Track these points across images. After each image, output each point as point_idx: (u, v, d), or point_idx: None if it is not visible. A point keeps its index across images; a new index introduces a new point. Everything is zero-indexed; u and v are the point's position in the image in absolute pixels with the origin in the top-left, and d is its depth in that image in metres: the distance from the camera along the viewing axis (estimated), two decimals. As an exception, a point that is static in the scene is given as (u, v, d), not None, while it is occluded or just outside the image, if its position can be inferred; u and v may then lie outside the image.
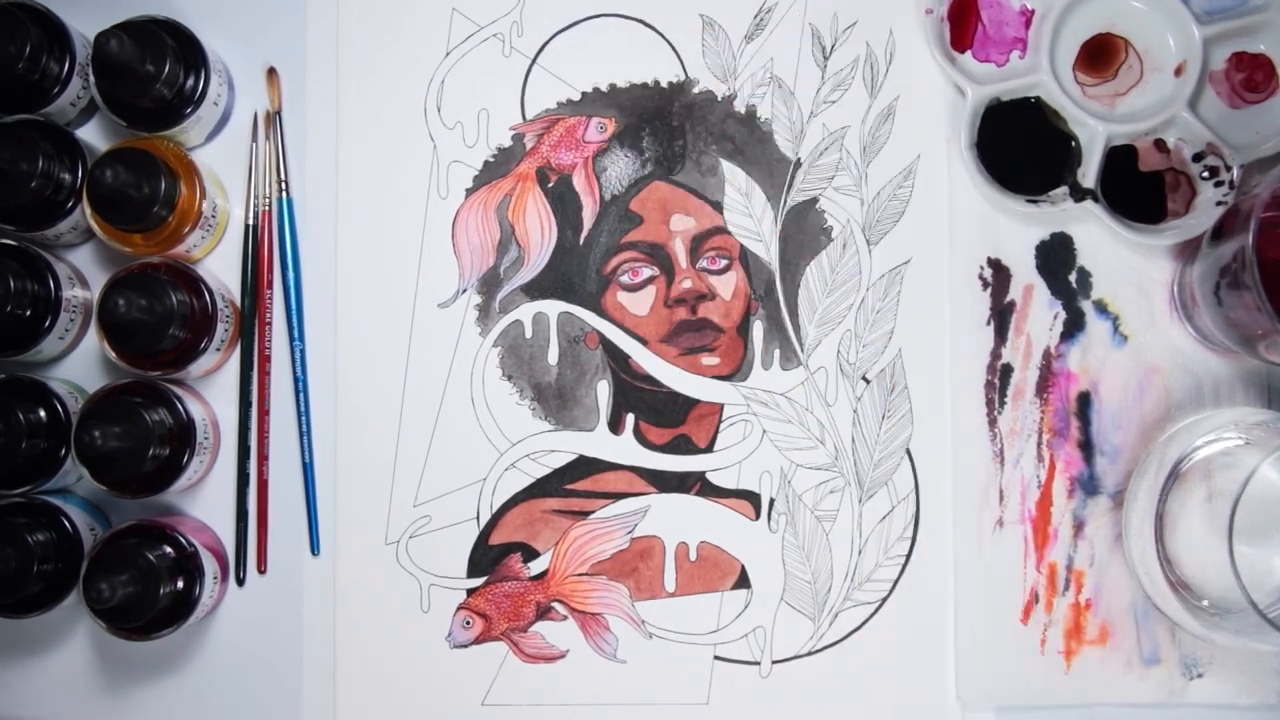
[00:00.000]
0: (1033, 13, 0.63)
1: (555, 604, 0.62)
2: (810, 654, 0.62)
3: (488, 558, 0.62)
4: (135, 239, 0.59)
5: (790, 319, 0.63)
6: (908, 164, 0.64)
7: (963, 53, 0.63)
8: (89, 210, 0.58)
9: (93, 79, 0.59)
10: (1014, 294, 0.63)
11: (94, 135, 0.63)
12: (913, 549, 0.63)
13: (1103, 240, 0.63)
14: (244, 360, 0.63)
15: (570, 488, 0.63)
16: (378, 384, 0.63)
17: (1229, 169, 0.61)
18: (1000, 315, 0.63)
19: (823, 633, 0.62)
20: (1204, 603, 0.57)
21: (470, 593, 0.62)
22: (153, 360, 0.58)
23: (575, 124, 0.64)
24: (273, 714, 0.62)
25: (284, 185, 0.63)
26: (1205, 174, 0.62)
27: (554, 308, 0.63)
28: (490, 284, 0.63)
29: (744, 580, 0.62)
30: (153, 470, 0.57)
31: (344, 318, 0.63)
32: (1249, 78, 0.62)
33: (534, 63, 0.64)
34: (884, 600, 0.62)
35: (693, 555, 0.63)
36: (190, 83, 0.60)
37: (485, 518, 0.63)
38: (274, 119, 0.64)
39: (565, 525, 0.63)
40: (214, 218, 0.61)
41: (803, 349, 0.63)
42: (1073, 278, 0.63)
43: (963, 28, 0.63)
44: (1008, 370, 0.63)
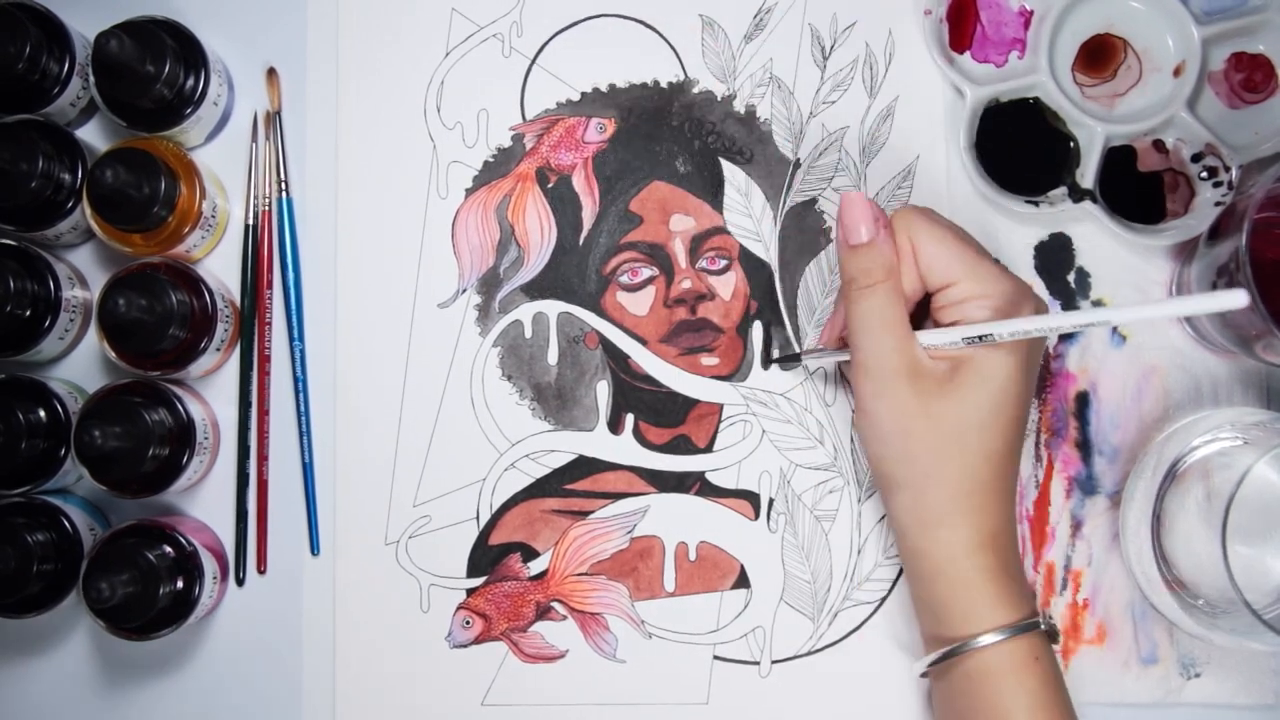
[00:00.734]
0: (1031, 13, 0.63)
1: (555, 604, 0.62)
2: (810, 654, 0.62)
3: (487, 558, 0.63)
4: (135, 239, 0.59)
5: (790, 319, 0.63)
6: (907, 164, 0.64)
7: (962, 53, 0.64)
8: (89, 210, 0.58)
9: (93, 79, 0.59)
10: (1013, 294, 0.63)
11: (94, 135, 0.63)
12: (912, 549, 0.63)
13: (1101, 240, 0.63)
14: (244, 360, 0.63)
15: (570, 488, 0.63)
16: (377, 384, 0.63)
17: (1228, 169, 0.61)
18: (999, 315, 0.63)
19: (822, 632, 0.62)
20: (1200, 602, 0.57)
21: (470, 593, 0.62)
22: (153, 360, 0.58)
23: (575, 124, 0.64)
24: (272, 714, 0.62)
25: (284, 185, 0.63)
26: (1204, 174, 0.62)
27: (554, 308, 0.63)
28: (490, 284, 0.63)
29: (743, 580, 0.62)
30: (152, 470, 0.57)
31: (344, 318, 0.63)
32: (1248, 78, 0.62)
33: (534, 63, 0.64)
34: (883, 600, 0.62)
35: (692, 555, 0.63)
36: (190, 83, 0.60)
37: (485, 518, 0.63)
38: (274, 119, 0.64)
39: (565, 525, 0.63)
40: (214, 218, 0.61)
41: (802, 349, 0.63)
42: (1071, 278, 0.63)
43: (962, 28, 0.64)
44: (1006, 370, 0.63)
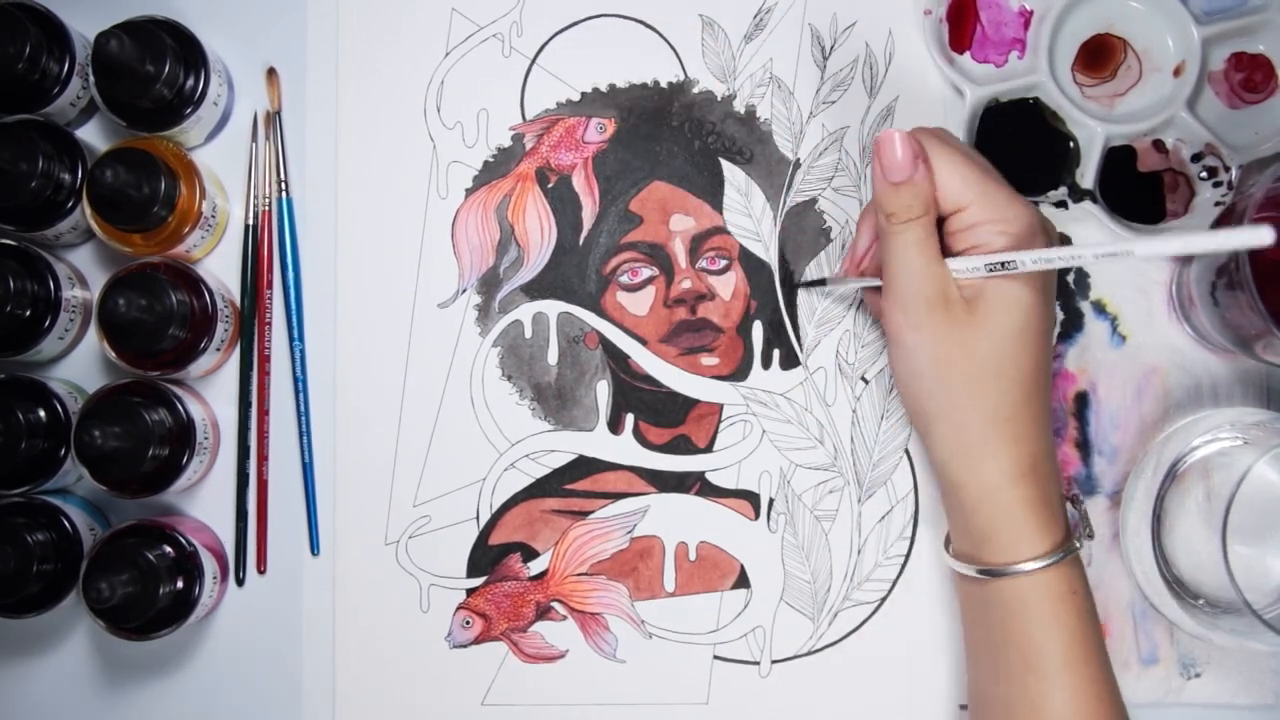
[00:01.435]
0: (1031, 13, 0.63)
1: (555, 604, 0.62)
2: (810, 654, 0.62)
3: (487, 558, 0.63)
4: (135, 239, 0.59)
5: (789, 319, 0.63)
6: (907, 164, 0.64)
7: (961, 53, 0.64)
8: (89, 210, 0.58)
9: (93, 79, 0.59)
10: (1013, 294, 0.63)
11: (94, 135, 0.63)
12: (912, 549, 0.63)
13: (1101, 241, 0.63)
14: (244, 360, 0.63)
15: (570, 488, 0.63)
16: (377, 384, 0.63)
17: (1228, 169, 0.61)
18: (999, 315, 0.63)
19: (822, 632, 0.62)
20: (1200, 602, 0.57)
21: (470, 593, 0.62)
22: (153, 360, 0.58)
23: (575, 124, 0.64)
24: (272, 714, 0.62)
25: (284, 185, 0.63)
26: (1204, 174, 0.62)
27: (554, 308, 0.63)
28: (490, 284, 0.63)
29: (743, 580, 0.62)
30: (152, 470, 0.57)
31: (344, 318, 0.63)
32: (1248, 78, 0.62)
33: (534, 63, 0.64)
34: (883, 600, 0.62)
35: (692, 555, 0.63)
36: (190, 83, 0.60)
37: (485, 518, 0.63)
38: (274, 119, 0.64)
39: (565, 525, 0.63)
40: (214, 218, 0.61)
41: (802, 349, 0.63)
42: (1071, 278, 0.63)
43: (961, 28, 0.64)
44: (1006, 370, 0.63)
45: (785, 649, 0.62)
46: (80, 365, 0.63)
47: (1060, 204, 0.62)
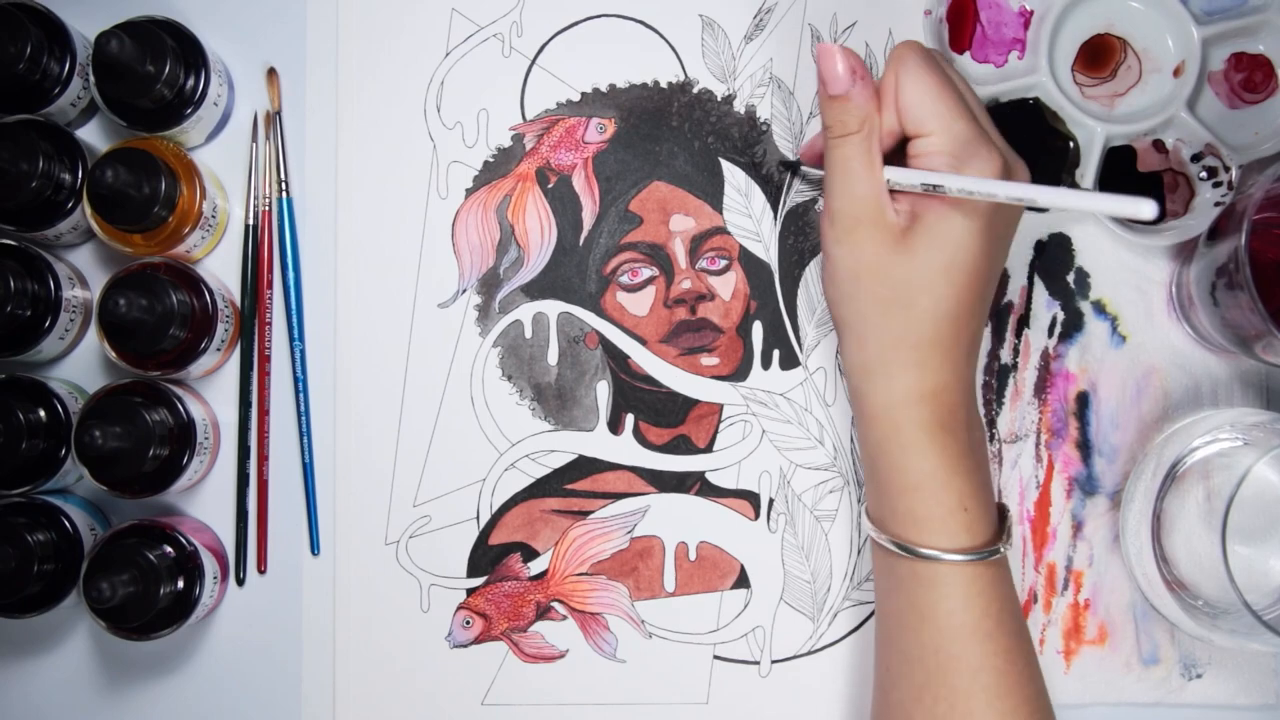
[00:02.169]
0: (1031, 13, 0.63)
1: (555, 604, 0.62)
2: (810, 654, 0.62)
3: (487, 557, 0.63)
4: (135, 239, 0.59)
5: (789, 319, 0.63)
6: (907, 164, 0.64)
7: (961, 53, 0.63)
8: (89, 210, 0.58)
9: (93, 79, 0.59)
10: (1012, 294, 0.63)
11: (94, 135, 0.63)
12: (912, 549, 0.63)
13: (1101, 241, 0.63)
14: (244, 360, 0.63)
15: (570, 488, 0.63)
16: (378, 384, 0.63)
17: (1228, 169, 0.61)
18: (998, 316, 0.63)
19: (822, 632, 0.62)
20: (1200, 603, 0.57)
21: (470, 592, 0.62)
22: (153, 360, 0.58)
23: (575, 124, 0.64)
24: (272, 714, 0.62)
25: (284, 185, 0.63)
26: (1204, 174, 0.62)
27: (554, 308, 0.63)
28: (490, 284, 0.63)
29: (743, 580, 0.62)
30: (153, 470, 0.57)
31: (344, 318, 0.63)
32: (1248, 78, 0.62)
33: (534, 63, 0.64)
34: (883, 600, 0.62)
35: (692, 555, 0.63)
36: (190, 83, 0.60)
37: (485, 518, 0.63)
38: (274, 119, 0.64)
39: (565, 525, 0.63)
40: (214, 218, 0.61)
41: (802, 349, 0.63)
42: (1071, 278, 0.63)
43: (961, 29, 0.63)
44: (1006, 371, 0.63)
45: (785, 649, 0.62)
46: (80, 365, 0.63)
47: (1060, 204, 0.62)
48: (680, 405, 0.63)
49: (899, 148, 0.53)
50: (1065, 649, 0.62)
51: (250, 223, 0.63)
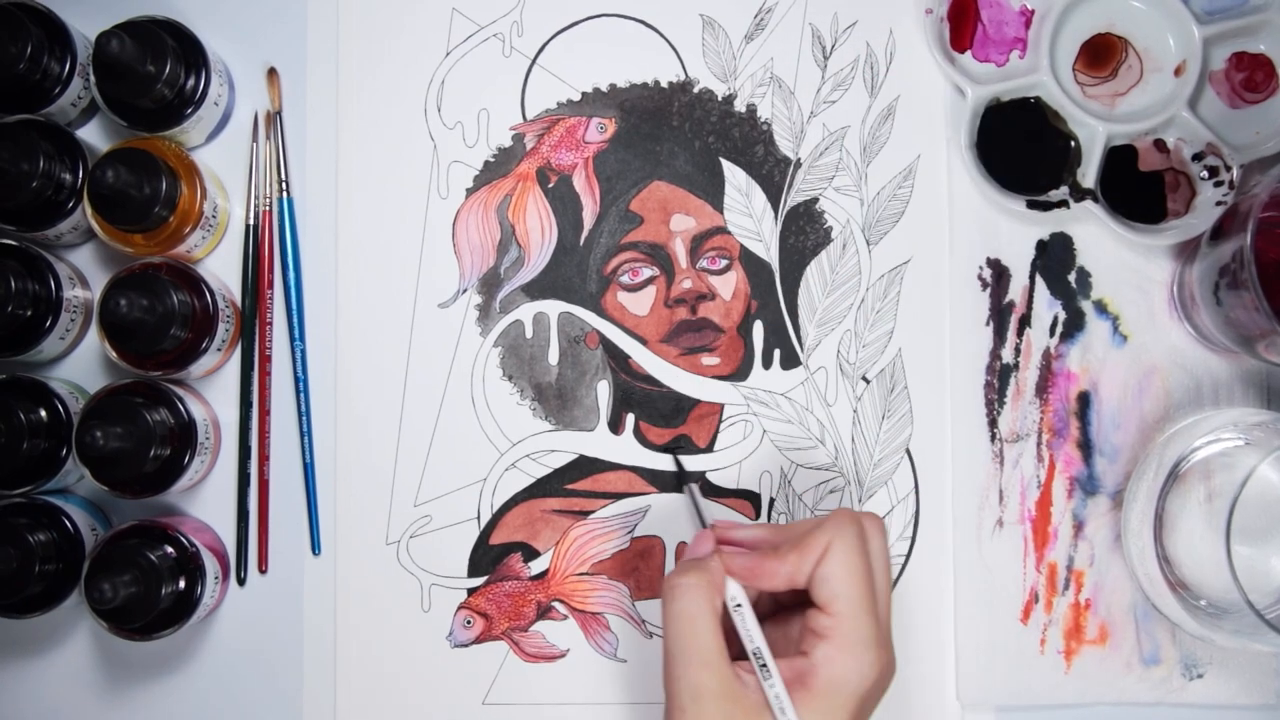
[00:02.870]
0: (1032, 13, 0.63)
1: (555, 603, 0.62)
2: (810, 654, 0.62)
3: (488, 557, 0.63)
4: (136, 239, 0.59)
5: (790, 319, 0.63)
6: (908, 164, 0.64)
7: (962, 53, 0.63)
8: (89, 210, 0.58)
9: (93, 79, 0.59)
10: (1013, 294, 0.63)
11: (94, 135, 0.63)
12: (912, 549, 0.63)
13: (1103, 240, 0.63)
14: (244, 360, 0.63)
15: (570, 488, 0.63)
16: (378, 384, 0.63)
17: (1229, 169, 0.61)
18: (1000, 315, 0.63)
19: (823, 632, 0.62)
20: (1202, 603, 0.57)
21: (471, 592, 0.62)
22: (153, 360, 0.58)
23: (575, 124, 0.64)
24: (273, 714, 0.62)
25: (284, 185, 0.63)
26: (1205, 174, 0.62)
27: (554, 308, 0.63)
28: (490, 284, 0.63)
29: (744, 580, 0.62)
30: (154, 470, 0.57)
31: (344, 318, 0.63)
32: (1249, 78, 0.62)
33: (534, 63, 0.64)
34: (884, 600, 0.62)
35: (693, 555, 0.63)
36: (190, 83, 0.60)
37: (486, 517, 0.63)
38: (274, 119, 0.64)
39: (565, 525, 0.63)
40: (214, 218, 0.61)
41: (803, 349, 0.63)
42: (1072, 278, 0.63)
43: (962, 28, 0.63)
44: (1007, 370, 0.63)
45: (786, 649, 0.62)
46: (81, 365, 0.63)
47: (1062, 203, 0.62)
48: (681, 405, 0.63)
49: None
50: (1066, 649, 0.62)
51: (251, 223, 0.63)
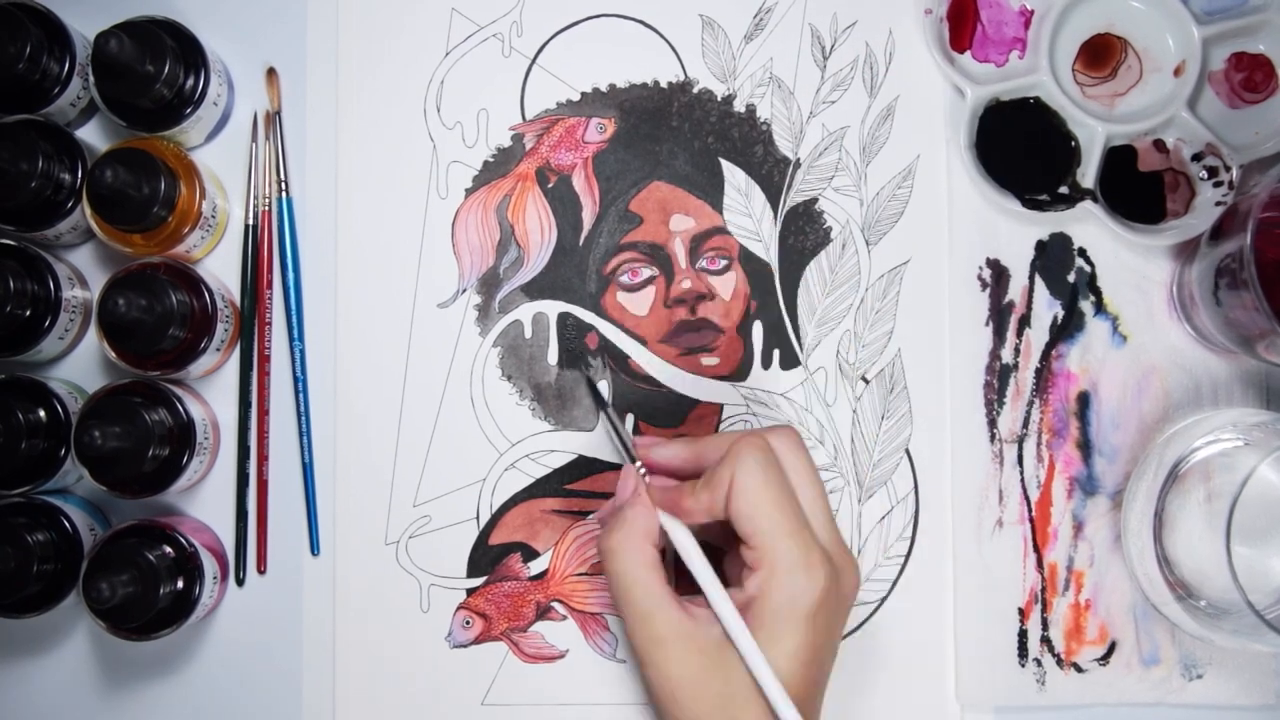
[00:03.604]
0: (1032, 13, 0.63)
1: (555, 604, 0.62)
2: (810, 654, 0.62)
3: (487, 558, 0.62)
4: (135, 239, 0.59)
5: (790, 319, 0.63)
6: (907, 164, 0.64)
7: (962, 53, 0.64)
8: (89, 210, 0.58)
9: (93, 79, 0.59)
10: (1013, 294, 0.63)
11: (94, 135, 0.63)
12: (912, 549, 0.63)
13: (1102, 240, 0.63)
14: (244, 360, 0.63)
15: (570, 488, 0.63)
16: (378, 384, 0.63)
17: (1228, 169, 0.61)
18: (999, 315, 0.63)
19: (822, 633, 0.62)
20: (1202, 603, 0.57)
21: (470, 592, 0.62)
22: (153, 360, 0.58)
23: (575, 124, 0.64)
24: (272, 714, 0.62)
25: (284, 185, 0.63)
26: (1204, 174, 0.62)
27: (554, 308, 0.63)
28: (490, 284, 0.63)
29: (743, 580, 0.62)
30: (152, 470, 0.57)
31: (344, 318, 0.63)
32: (1248, 78, 0.62)
33: (534, 63, 0.64)
34: (883, 600, 0.62)
35: (692, 555, 0.62)
36: (190, 83, 0.60)
37: (485, 518, 0.63)
38: (274, 119, 0.64)
39: (565, 525, 0.63)
40: (214, 218, 0.61)
41: (802, 349, 0.63)
42: (1072, 278, 0.63)
43: (962, 28, 0.63)
44: (1007, 370, 0.63)
45: (785, 649, 0.62)
46: (80, 365, 0.63)
47: (1061, 203, 0.62)
48: (680, 405, 0.63)
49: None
50: (1066, 649, 0.62)
51: (250, 223, 0.63)
